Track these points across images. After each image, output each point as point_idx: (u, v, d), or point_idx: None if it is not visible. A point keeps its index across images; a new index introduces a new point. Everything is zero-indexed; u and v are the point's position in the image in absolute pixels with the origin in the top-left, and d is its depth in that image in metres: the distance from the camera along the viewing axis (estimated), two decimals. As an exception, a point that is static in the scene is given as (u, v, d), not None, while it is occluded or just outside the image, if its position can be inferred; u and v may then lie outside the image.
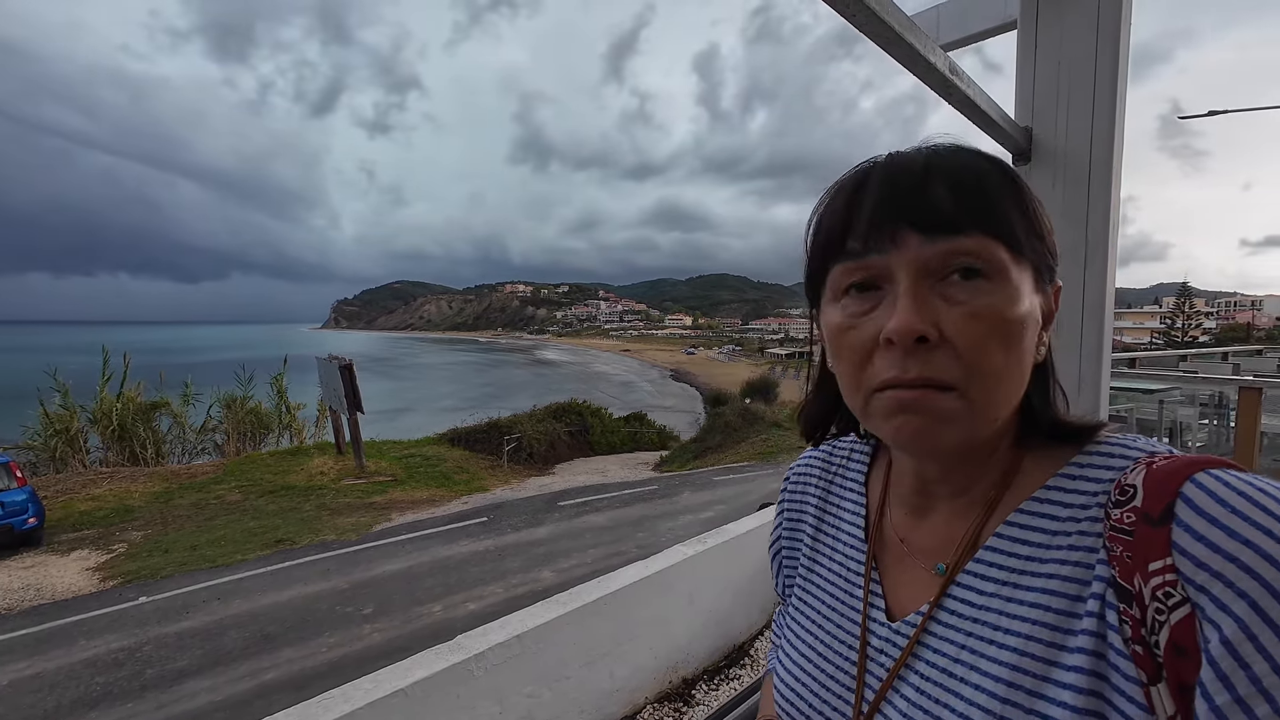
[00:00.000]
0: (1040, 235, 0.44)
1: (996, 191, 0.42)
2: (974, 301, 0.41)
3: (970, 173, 0.43)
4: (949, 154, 0.44)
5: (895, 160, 0.45)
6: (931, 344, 0.41)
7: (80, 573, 9.14)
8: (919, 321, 0.40)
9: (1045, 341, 0.47)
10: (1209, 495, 0.36)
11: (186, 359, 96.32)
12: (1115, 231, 1.53)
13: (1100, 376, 1.55)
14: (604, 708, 2.82)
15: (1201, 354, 9.16)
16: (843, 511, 0.61)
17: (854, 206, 0.44)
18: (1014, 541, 0.45)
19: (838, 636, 0.55)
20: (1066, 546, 0.42)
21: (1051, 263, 0.46)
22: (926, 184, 0.42)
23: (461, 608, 7.51)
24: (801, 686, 0.56)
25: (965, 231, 0.41)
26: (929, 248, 0.41)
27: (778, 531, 0.69)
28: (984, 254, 0.41)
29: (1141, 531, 0.38)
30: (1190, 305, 60.41)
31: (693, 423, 31.76)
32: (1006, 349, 0.41)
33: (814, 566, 0.61)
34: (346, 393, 15.17)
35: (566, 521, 11.65)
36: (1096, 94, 1.48)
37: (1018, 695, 0.40)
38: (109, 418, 15.33)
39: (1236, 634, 0.32)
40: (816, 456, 0.67)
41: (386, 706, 2.00)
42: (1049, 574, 0.42)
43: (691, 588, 3.24)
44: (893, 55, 1.04)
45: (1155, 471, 0.39)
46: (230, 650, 6.56)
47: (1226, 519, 0.35)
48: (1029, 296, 0.43)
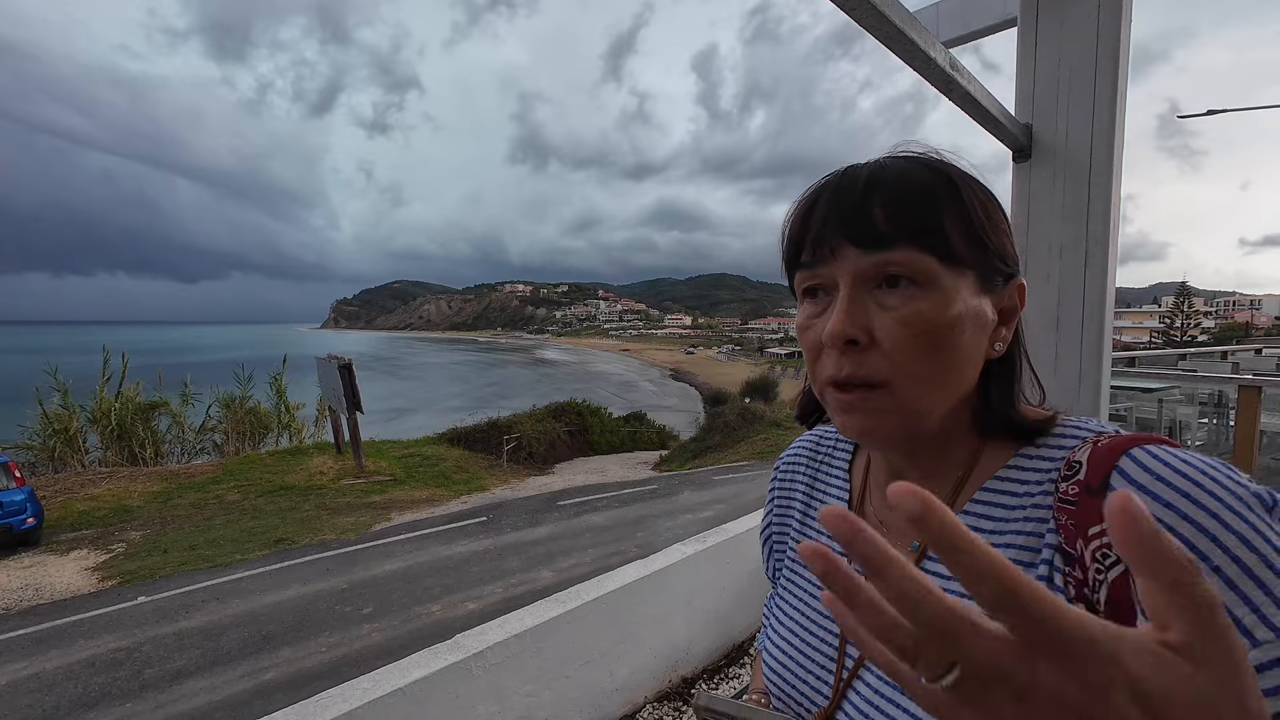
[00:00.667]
0: (982, 242, 0.47)
1: (930, 205, 0.46)
2: (903, 308, 0.45)
3: (909, 188, 0.46)
4: (894, 169, 0.48)
5: (844, 177, 0.49)
6: (863, 346, 0.46)
7: (79, 573, 9.13)
8: (848, 327, 0.46)
9: (1004, 338, 0.50)
10: (1140, 467, 0.40)
11: (185, 359, 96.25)
12: (1116, 229, 1.53)
13: (1100, 372, 1.55)
14: (603, 707, 2.81)
15: (1201, 353, 9.17)
16: (828, 496, 0.65)
17: (807, 222, 0.50)
18: (978, 517, 0.49)
19: (823, 613, 0.58)
20: (1022, 519, 0.46)
21: (1001, 266, 0.49)
22: (864, 201, 0.46)
23: (461, 607, 7.51)
24: (788, 660, 0.59)
25: (895, 244, 0.45)
26: (865, 259, 0.46)
27: (768, 518, 0.73)
28: (912, 265, 0.45)
29: (1083, 501, 0.42)
30: (1189, 305, 60.46)
31: (692, 422, 31.77)
32: (934, 350, 0.45)
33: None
34: (346, 392, 15.16)
35: (566, 521, 11.64)
36: (1097, 91, 1.48)
37: None
38: (108, 417, 15.32)
39: None
40: (804, 445, 0.71)
41: (385, 706, 1.99)
42: (1007, 544, 0.46)
43: (691, 587, 3.24)
44: (893, 50, 1.03)
45: (1099, 449, 0.43)
46: (229, 650, 6.55)
47: (1153, 486, 0.39)
48: (966, 300, 0.46)
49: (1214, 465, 0.39)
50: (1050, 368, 1.60)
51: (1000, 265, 0.48)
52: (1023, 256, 1.63)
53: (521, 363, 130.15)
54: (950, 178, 0.47)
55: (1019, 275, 0.50)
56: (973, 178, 0.49)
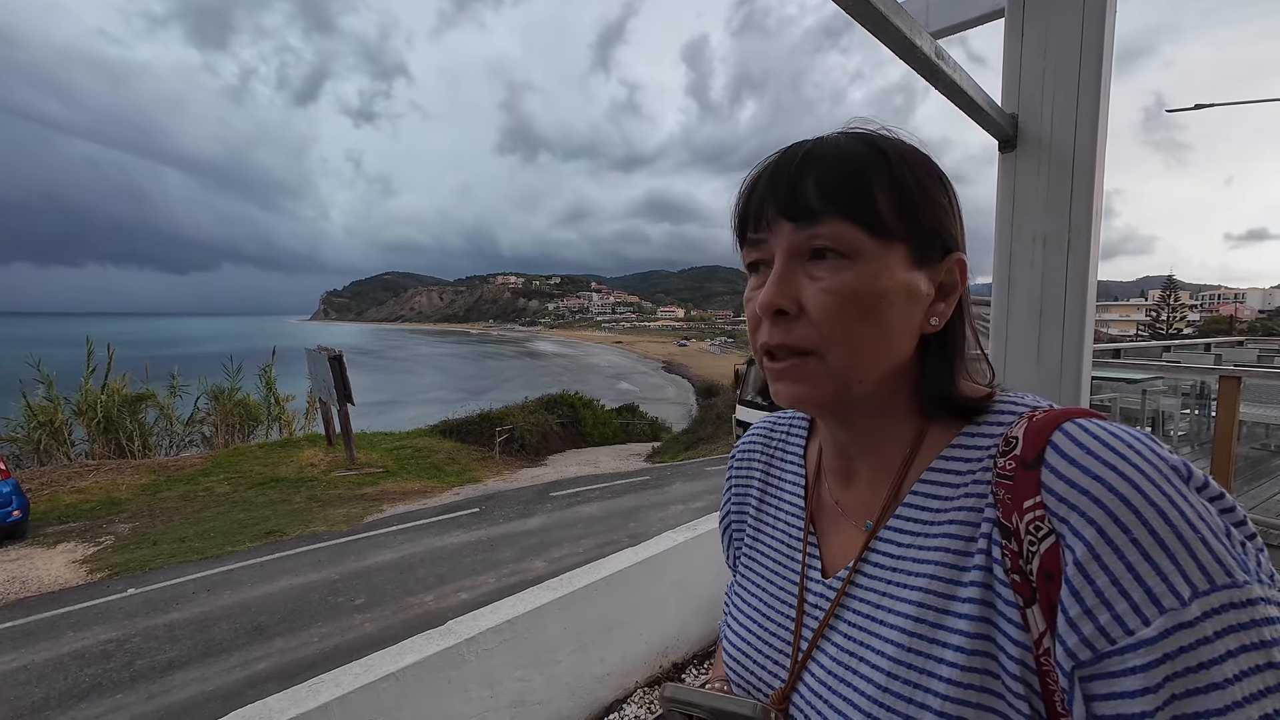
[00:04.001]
0: (915, 216, 0.47)
1: (859, 179, 0.47)
2: (830, 279, 0.46)
3: (839, 162, 0.47)
4: (830, 144, 0.49)
5: (784, 154, 0.50)
6: (792, 316, 0.48)
7: (67, 565, 9.05)
8: (778, 298, 0.47)
9: (941, 312, 0.50)
10: (1071, 440, 0.41)
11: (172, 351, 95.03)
12: (1098, 219, 1.55)
13: (1081, 361, 1.58)
14: (595, 691, 2.85)
15: (1185, 345, 9.32)
16: (784, 481, 0.65)
17: (750, 199, 0.51)
18: (926, 496, 0.50)
19: (779, 597, 0.59)
20: (964, 495, 0.47)
21: (934, 239, 0.49)
22: (798, 177, 0.48)
23: (454, 597, 7.53)
24: (746, 645, 0.60)
25: (823, 218, 0.46)
26: (797, 233, 0.48)
27: (726, 506, 0.73)
28: (840, 237, 0.46)
29: (1019, 475, 0.43)
30: (1175, 298, 61.17)
31: (685, 414, 31.86)
32: (860, 319, 0.46)
33: (759, 535, 0.65)
34: (336, 384, 15.05)
35: (559, 512, 11.68)
36: (1081, 83, 1.50)
37: (922, 628, 0.45)
38: (94, 409, 15.14)
39: (1085, 555, 0.38)
40: (759, 432, 0.72)
41: (378, 691, 2.01)
42: (950, 520, 0.47)
43: (682, 573, 3.28)
44: (880, 39, 1.04)
45: (1034, 423, 0.44)
46: (221, 641, 6.54)
47: (1083, 459, 0.40)
48: (896, 273, 0.47)
49: (1138, 437, 0.41)
50: (1033, 356, 1.63)
51: (934, 238, 0.49)
52: (1007, 246, 1.66)
53: (514, 355, 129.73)
54: (884, 150, 0.48)
55: (958, 251, 0.50)
56: (916, 152, 0.49)
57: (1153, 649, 0.35)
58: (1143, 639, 0.35)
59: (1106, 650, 0.36)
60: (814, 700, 0.51)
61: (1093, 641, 0.37)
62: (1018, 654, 0.40)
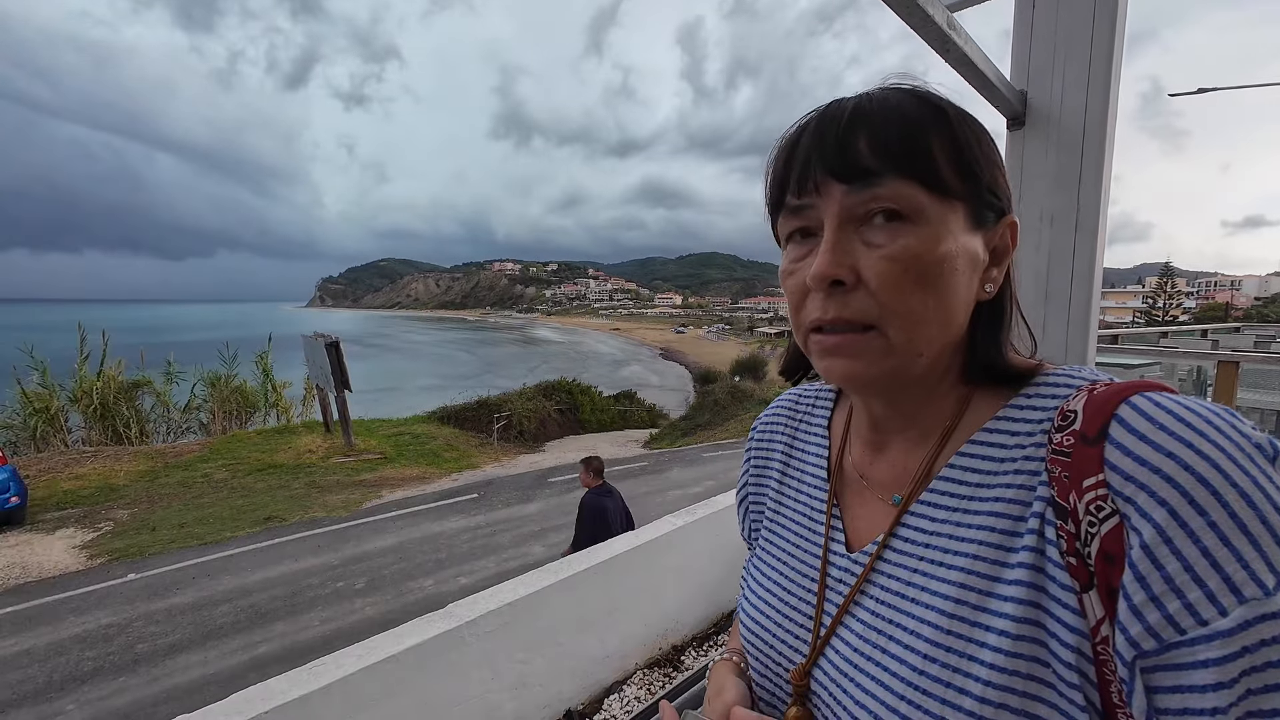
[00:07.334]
0: (974, 174, 0.44)
1: (918, 134, 0.43)
2: (890, 245, 0.43)
3: (893, 118, 0.44)
4: (879, 99, 0.45)
5: (827, 112, 0.46)
6: (849, 286, 0.44)
7: (66, 551, 9.08)
8: (832, 267, 0.43)
9: (994, 279, 0.48)
10: (1140, 414, 0.38)
11: (168, 338, 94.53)
12: (1106, 199, 1.53)
13: (1087, 344, 1.56)
14: (595, 673, 2.87)
15: (1182, 331, 9.35)
16: (807, 453, 0.63)
17: (790, 161, 0.47)
18: (965, 470, 0.47)
19: (801, 571, 0.57)
20: (1012, 471, 0.44)
21: (991, 200, 0.46)
22: (848, 134, 0.44)
23: (453, 582, 7.59)
24: (765, 619, 0.58)
25: (882, 178, 0.43)
26: (851, 196, 0.44)
27: (744, 479, 0.71)
28: (901, 198, 0.43)
29: (1078, 451, 0.40)
30: (1172, 285, 61.22)
31: (682, 401, 31.94)
32: (923, 288, 0.43)
33: (780, 509, 0.64)
34: (333, 371, 15.03)
35: (557, 497, 11.74)
36: (1093, 61, 1.47)
37: (963, 610, 0.43)
38: (90, 396, 15.09)
39: (1154, 538, 0.35)
40: (783, 404, 0.70)
41: (379, 672, 2.01)
42: (995, 498, 0.44)
43: (681, 557, 3.29)
44: (890, 5, 1.01)
45: (1095, 397, 0.41)
46: (221, 625, 6.59)
47: (1154, 434, 0.37)
48: (958, 236, 0.44)
49: (1217, 413, 0.37)
50: (1038, 338, 1.62)
51: (992, 199, 0.46)
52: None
53: (512, 341, 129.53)
54: (939, 105, 0.45)
55: (1011, 212, 0.48)
56: (965, 111, 0.46)
57: (1229, 641, 0.32)
58: (1219, 630, 0.33)
59: (1175, 640, 0.34)
60: (838, 678, 0.49)
61: (1159, 630, 0.34)
62: (1073, 641, 0.38)
